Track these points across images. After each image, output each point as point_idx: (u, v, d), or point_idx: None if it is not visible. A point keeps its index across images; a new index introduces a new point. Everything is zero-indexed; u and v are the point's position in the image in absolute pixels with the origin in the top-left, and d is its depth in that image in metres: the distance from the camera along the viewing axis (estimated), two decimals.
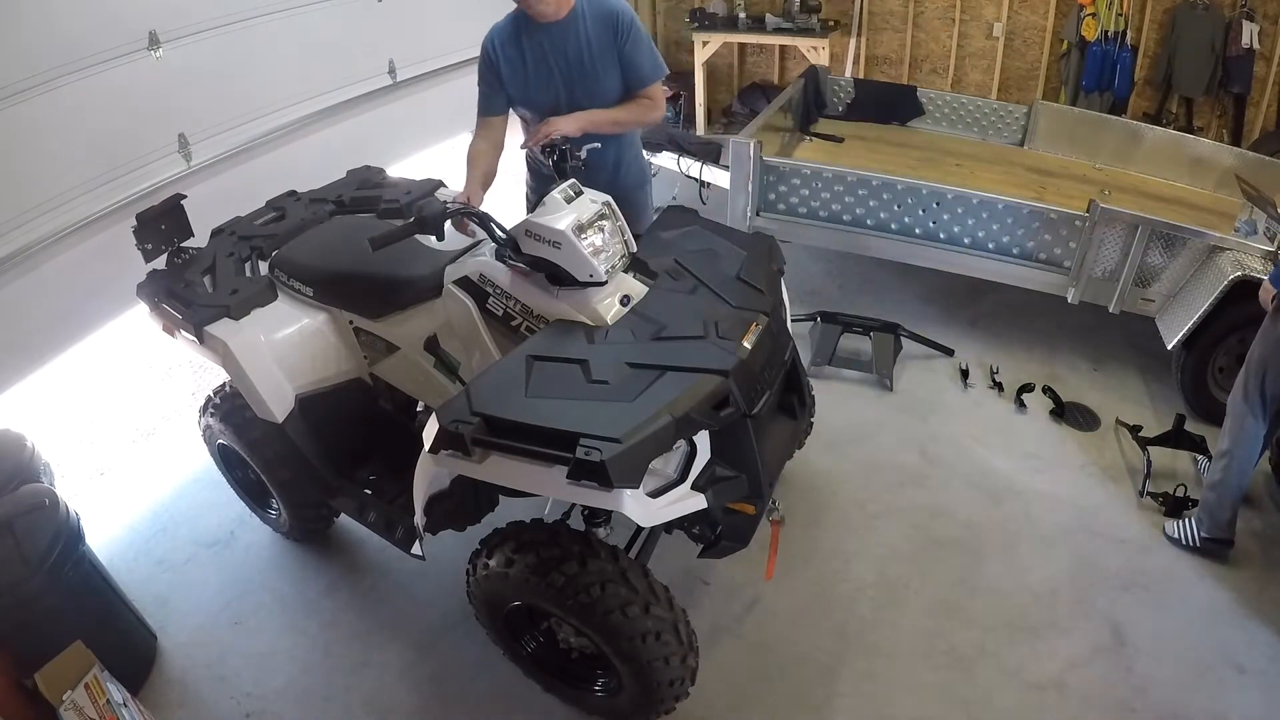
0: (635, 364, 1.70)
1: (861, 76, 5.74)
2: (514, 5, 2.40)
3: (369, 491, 2.36)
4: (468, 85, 2.57)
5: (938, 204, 3.46)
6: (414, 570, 2.49)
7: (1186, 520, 2.61)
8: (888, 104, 4.65)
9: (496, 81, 2.45)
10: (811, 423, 2.93)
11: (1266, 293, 2.36)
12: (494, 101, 2.49)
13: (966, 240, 3.49)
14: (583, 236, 1.99)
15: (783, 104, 4.42)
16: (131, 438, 3.34)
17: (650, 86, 2.47)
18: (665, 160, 4.22)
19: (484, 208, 2.30)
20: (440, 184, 2.73)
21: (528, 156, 2.72)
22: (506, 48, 2.41)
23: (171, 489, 3.04)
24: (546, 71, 2.42)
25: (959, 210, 3.44)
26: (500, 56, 2.42)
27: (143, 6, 2.81)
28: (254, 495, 2.73)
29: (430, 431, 1.63)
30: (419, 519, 1.95)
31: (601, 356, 1.75)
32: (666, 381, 1.64)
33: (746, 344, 1.78)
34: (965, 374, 3.46)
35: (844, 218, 3.65)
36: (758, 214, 3.78)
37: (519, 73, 2.43)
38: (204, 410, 2.52)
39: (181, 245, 2.41)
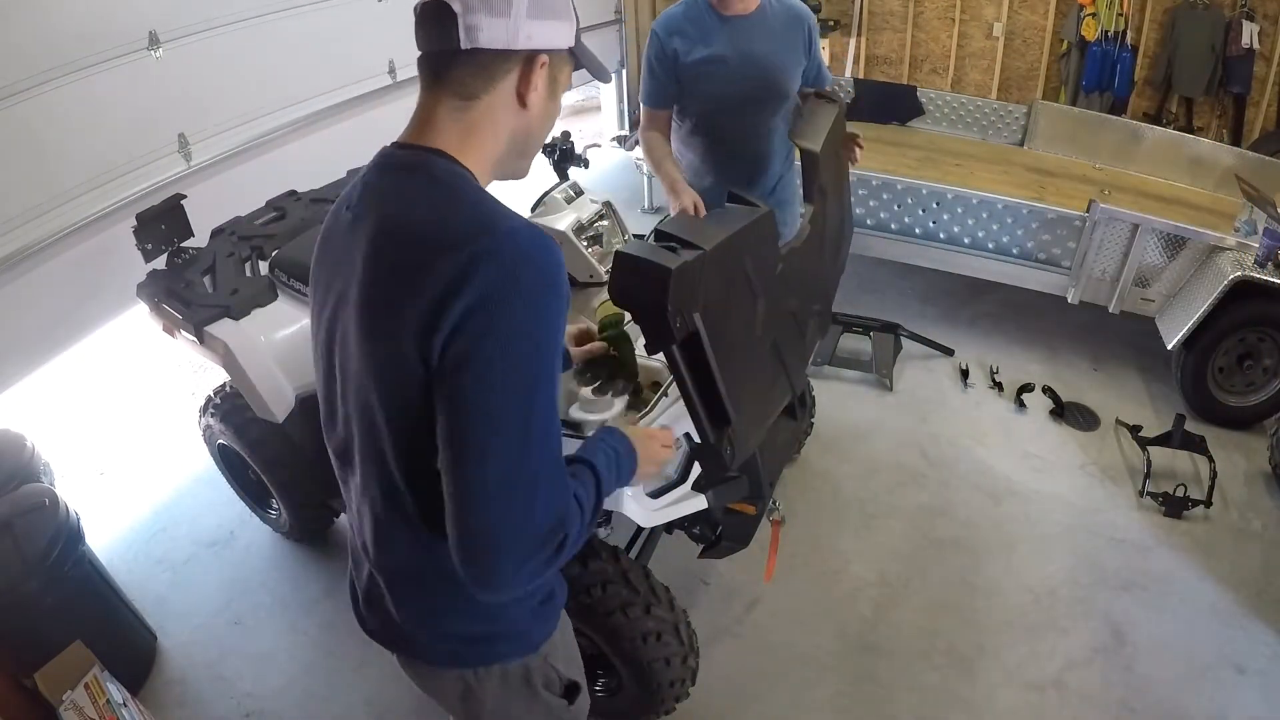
0: None
1: (861, 76, 5.73)
2: None
3: None
4: None
5: (938, 204, 3.46)
6: None
7: None
8: (888, 104, 4.65)
9: (667, 75, 2.26)
10: (812, 423, 2.94)
11: None
12: (664, 93, 2.31)
13: (966, 240, 3.49)
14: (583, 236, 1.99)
15: None
16: (131, 438, 3.34)
17: None
18: None
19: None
20: None
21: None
22: (683, 37, 2.22)
23: (171, 489, 3.04)
24: (728, 69, 2.23)
25: (959, 210, 3.44)
26: (677, 44, 2.23)
27: (143, 6, 2.81)
28: (254, 495, 2.72)
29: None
30: None
31: None
32: None
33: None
34: (965, 374, 3.46)
35: None
36: None
37: (697, 66, 2.23)
38: (204, 410, 2.52)
39: (181, 245, 2.41)
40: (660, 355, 1.30)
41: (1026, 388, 3.32)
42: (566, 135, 2.41)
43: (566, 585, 1.28)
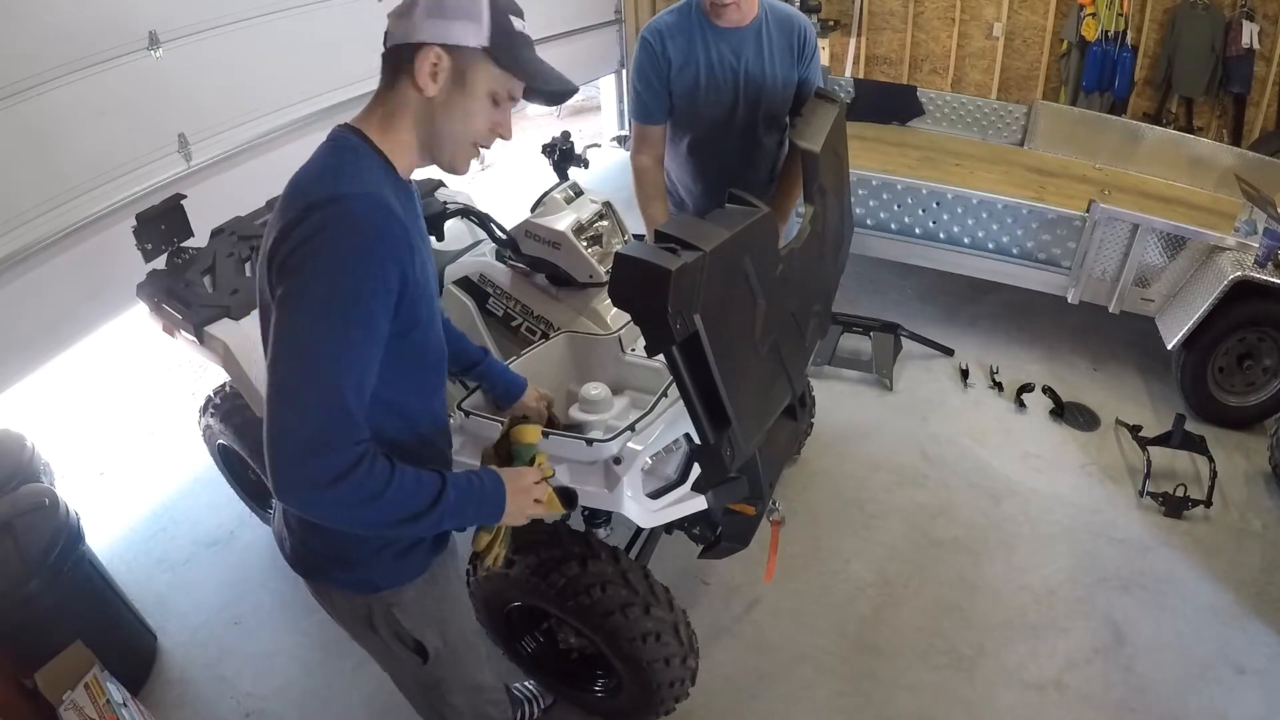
0: None
1: (861, 76, 5.74)
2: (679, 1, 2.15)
3: None
4: None
5: (938, 204, 3.46)
6: None
7: None
8: (888, 104, 4.64)
9: (661, 86, 2.15)
10: (812, 423, 2.94)
11: None
12: (656, 107, 2.18)
13: (966, 240, 3.49)
14: (582, 237, 1.99)
15: None
16: (131, 438, 3.34)
17: None
18: None
19: (483, 208, 2.31)
20: (440, 184, 2.74)
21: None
22: (676, 47, 2.11)
23: (171, 489, 3.04)
24: (721, 82, 2.13)
25: (959, 210, 3.44)
26: (671, 54, 2.11)
27: (143, 6, 2.81)
28: (254, 495, 2.72)
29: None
30: None
31: None
32: None
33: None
34: (965, 374, 3.46)
35: None
36: None
37: (690, 77, 2.13)
38: (204, 410, 2.52)
39: (181, 245, 2.41)
40: (660, 357, 1.30)
41: (1026, 388, 3.32)
42: (566, 135, 2.41)
43: (451, 560, 1.41)
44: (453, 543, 1.43)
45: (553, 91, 1.20)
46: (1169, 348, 3.09)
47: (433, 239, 2.08)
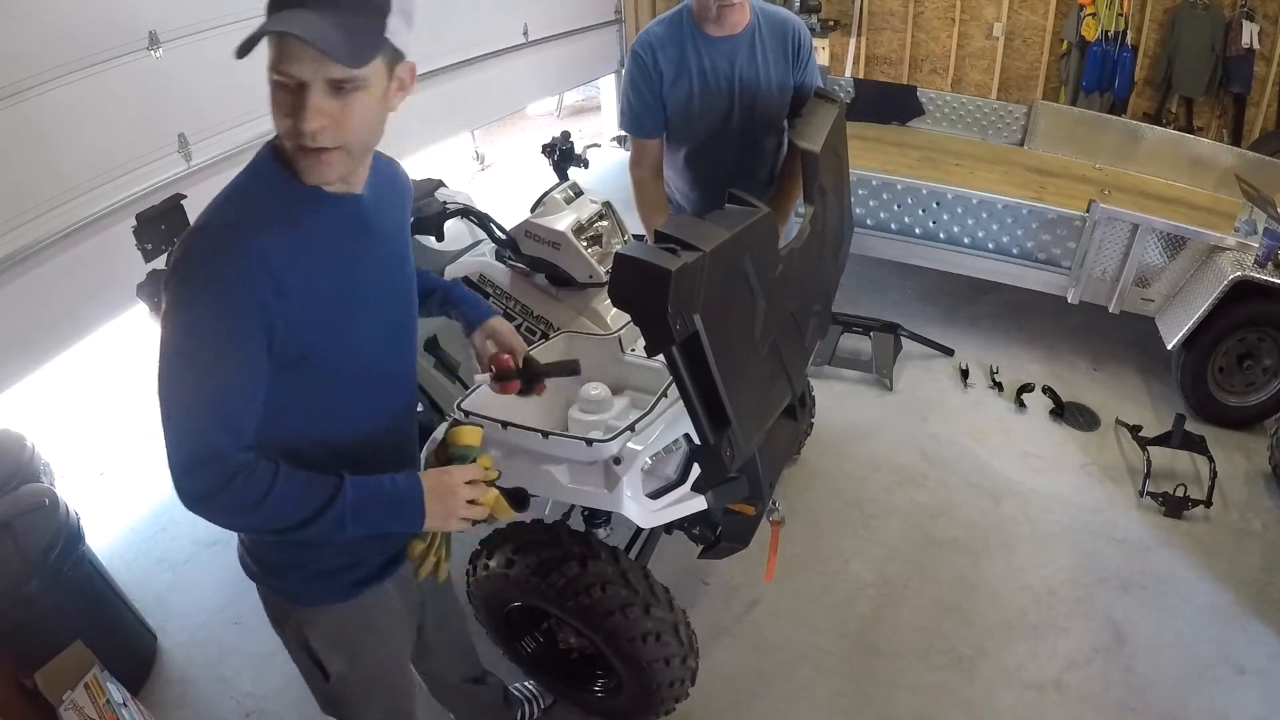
0: None
1: (861, 76, 5.74)
2: (671, 9, 2.13)
3: None
4: (466, 85, 2.53)
5: (938, 204, 3.46)
6: None
7: None
8: (888, 104, 4.65)
9: (655, 99, 2.12)
10: (812, 423, 2.94)
11: None
12: (652, 120, 2.16)
13: (966, 240, 3.49)
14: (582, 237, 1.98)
15: None
16: (131, 438, 3.34)
17: None
18: None
19: (483, 208, 2.31)
20: (440, 184, 2.74)
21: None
22: (668, 59, 2.08)
23: (171, 489, 3.02)
24: (715, 92, 2.10)
25: (959, 210, 3.44)
26: (663, 66, 2.08)
27: (143, 6, 2.81)
28: None
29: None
30: None
31: None
32: None
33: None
34: (965, 374, 3.46)
35: None
36: None
37: (684, 89, 2.10)
38: None
39: None
40: (660, 357, 1.30)
41: (1026, 388, 3.32)
42: (566, 135, 2.41)
43: (392, 598, 1.36)
44: (404, 576, 1.36)
45: (271, 31, 0.95)
46: (1169, 348, 3.09)
47: (432, 239, 2.09)
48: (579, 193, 2.15)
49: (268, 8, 0.98)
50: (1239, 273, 2.85)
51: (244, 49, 0.94)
